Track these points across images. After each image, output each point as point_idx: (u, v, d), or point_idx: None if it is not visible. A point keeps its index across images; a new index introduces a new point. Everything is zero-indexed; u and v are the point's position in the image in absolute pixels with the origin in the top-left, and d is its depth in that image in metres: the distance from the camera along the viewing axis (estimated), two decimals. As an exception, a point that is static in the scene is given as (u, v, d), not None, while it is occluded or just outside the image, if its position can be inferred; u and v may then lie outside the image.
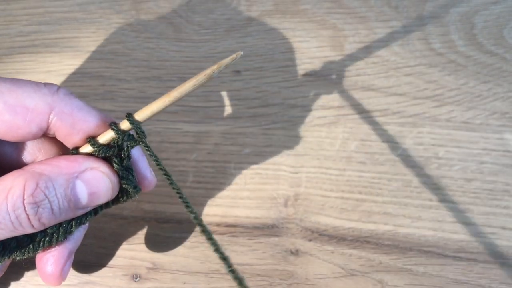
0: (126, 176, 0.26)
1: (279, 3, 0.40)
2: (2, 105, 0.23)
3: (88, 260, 0.33)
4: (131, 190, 0.26)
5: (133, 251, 0.33)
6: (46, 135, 0.25)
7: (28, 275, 0.33)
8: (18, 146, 0.27)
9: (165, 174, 0.25)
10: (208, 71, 0.23)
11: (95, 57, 0.39)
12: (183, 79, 0.37)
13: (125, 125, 0.25)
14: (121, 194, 0.27)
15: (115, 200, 0.27)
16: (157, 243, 0.34)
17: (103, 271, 0.33)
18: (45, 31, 0.40)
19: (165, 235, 0.34)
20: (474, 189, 0.34)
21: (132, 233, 0.34)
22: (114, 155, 0.26)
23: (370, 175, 0.35)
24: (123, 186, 0.26)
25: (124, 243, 0.34)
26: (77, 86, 0.38)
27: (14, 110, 0.23)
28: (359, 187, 0.35)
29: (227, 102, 0.37)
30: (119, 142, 0.25)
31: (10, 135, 0.24)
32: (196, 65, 0.38)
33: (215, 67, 0.23)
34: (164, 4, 0.40)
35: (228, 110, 0.37)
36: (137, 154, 0.27)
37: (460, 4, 0.40)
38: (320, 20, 0.40)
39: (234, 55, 0.23)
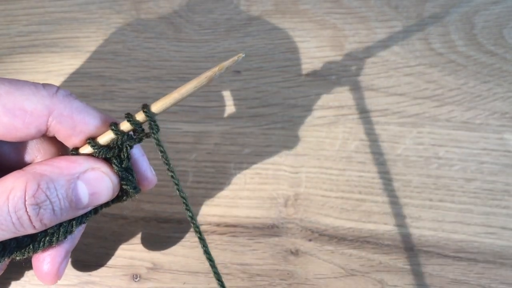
0: (126, 177, 0.26)
1: (279, 3, 0.40)
2: (1, 108, 0.23)
3: (88, 260, 0.33)
4: (130, 190, 0.27)
5: (133, 251, 0.33)
6: (46, 136, 0.25)
7: (28, 274, 0.33)
8: (17, 145, 0.27)
9: (170, 170, 0.26)
10: (209, 73, 0.23)
11: (95, 57, 0.39)
12: (183, 79, 0.37)
13: (125, 125, 0.25)
14: (122, 194, 0.27)
15: (115, 199, 0.27)
16: (157, 243, 0.34)
17: (103, 271, 0.33)
18: (45, 31, 0.40)
19: (165, 235, 0.34)
20: (474, 189, 0.34)
21: (132, 233, 0.34)
22: (114, 156, 0.26)
23: (370, 175, 0.35)
24: (123, 186, 0.26)
25: (124, 243, 0.34)
26: (77, 86, 0.38)
27: (13, 113, 0.23)
28: (359, 187, 0.35)
29: (227, 102, 0.37)
30: (119, 143, 0.25)
31: (8, 137, 0.24)
32: (196, 65, 0.38)
33: (216, 69, 0.23)
34: (164, 4, 0.40)
35: (228, 110, 0.37)
36: (138, 153, 0.27)
37: (460, 4, 0.40)
38: (320, 20, 0.40)
39: (235, 57, 0.23)
